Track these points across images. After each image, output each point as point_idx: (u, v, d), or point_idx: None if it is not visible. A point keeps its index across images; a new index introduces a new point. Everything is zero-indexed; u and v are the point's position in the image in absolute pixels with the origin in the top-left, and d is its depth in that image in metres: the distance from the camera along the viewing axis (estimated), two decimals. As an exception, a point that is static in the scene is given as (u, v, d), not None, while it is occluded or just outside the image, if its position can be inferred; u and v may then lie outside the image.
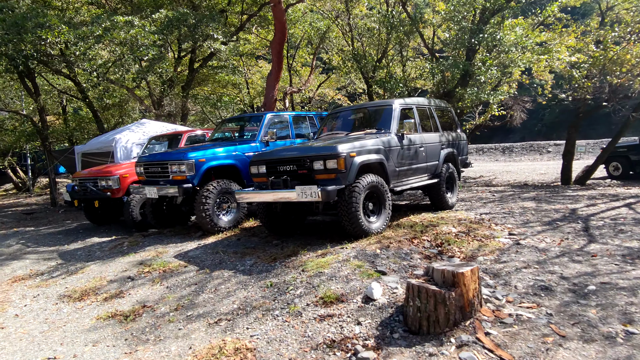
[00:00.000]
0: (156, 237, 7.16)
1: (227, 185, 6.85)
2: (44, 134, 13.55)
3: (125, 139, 10.45)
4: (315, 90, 22.73)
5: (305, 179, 5.47)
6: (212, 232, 6.72)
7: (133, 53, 8.99)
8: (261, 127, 7.62)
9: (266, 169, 5.84)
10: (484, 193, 9.70)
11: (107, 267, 5.81)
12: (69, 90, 16.40)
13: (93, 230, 8.83)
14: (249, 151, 7.30)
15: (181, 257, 5.76)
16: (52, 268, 6.20)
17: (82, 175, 8.58)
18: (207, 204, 6.56)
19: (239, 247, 5.93)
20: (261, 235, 6.55)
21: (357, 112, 7.07)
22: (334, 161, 5.21)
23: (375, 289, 3.75)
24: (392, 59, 13.01)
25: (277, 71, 12.56)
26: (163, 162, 6.79)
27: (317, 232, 6.47)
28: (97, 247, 7.10)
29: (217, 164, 6.82)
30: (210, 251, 5.88)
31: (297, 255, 5.09)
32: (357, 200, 5.30)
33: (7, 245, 8.00)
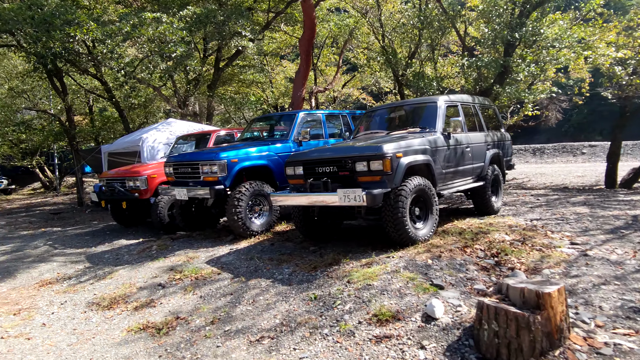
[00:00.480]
0: (185, 240, 6.88)
1: (259, 187, 6.51)
2: (71, 134, 13.52)
3: (152, 139, 10.25)
4: (340, 89, 22.33)
5: (346, 182, 5.08)
6: (244, 236, 6.39)
7: (161, 50, 8.76)
8: (294, 126, 7.26)
9: (303, 171, 5.47)
10: (526, 197, 9.13)
11: (136, 272, 5.52)
12: (96, 90, 16.40)
13: (120, 231, 8.63)
14: (282, 151, 6.95)
15: (213, 263, 5.43)
16: (80, 272, 5.96)
17: (109, 176, 8.38)
18: (240, 207, 6.23)
19: (274, 253, 5.57)
20: (296, 240, 6.18)
21: (397, 109, 6.64)
22: (379, 162, 4.80)
23: (437, 307, 3.33)
24: (426, 56, 12.49)
25: (305, 69, 12.22)
26: (194, 163, 6.50)
27: (355, 238, 6.07)
28: (125, 250, 6.85)
29: (249, 164, 6.49)
30: (244, 257, 5.53)
31: (339, 264, 4.70)
32: (404, 205, 4.87)
33: (34, 247, 7.84)
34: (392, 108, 6.68)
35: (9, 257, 7.12)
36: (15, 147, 23.30)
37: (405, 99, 8.02)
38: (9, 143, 23.03)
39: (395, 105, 6.71)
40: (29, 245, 7.95)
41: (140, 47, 9.55)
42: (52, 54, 8.94)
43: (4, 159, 26.49)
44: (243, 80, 18.63)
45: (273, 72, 22.75)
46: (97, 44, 9.44)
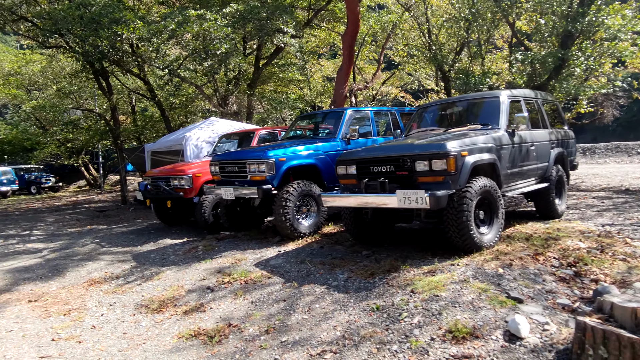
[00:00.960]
0: (231, 241, 6.71)
1: (308, 187, 6.26)
2: (116, 132, 13.76)
3: (195, 137, 10.21)
4: (379, 87, 21.88)
5: (404, 182, 4.74)
6: (291, 237, 6.15)
7: (206, 47, 8.68)
8: (342, 123, 6.97)
9: (356, 170, 5.16)
10: (587, 199, 8.48)
11: (184, 273, 5.38)
12: (139, 90, 16.68)
13: (164, 230, 8.60)
14: (330, 150, 6.68)
15: (262, 266, 5.21)
16: (127, 272, 5.88)
17: (154, 174, 8.35)
18: (287, 207, 5.99)
19: (324, 257, 5.30)
20: (346, 243, 5.89)
21: (453, 105, 6.22)
22: (442, 161, 4.43)
23: (522, 324, 2.95)
24: (474, 52, 11.92)
25: (347, 66, 11.89)
26: (241, 161, 6.31)
27: (410, 242, 5.71)
28: (171, 250, 6.76)
29: (297, 163, 6.25)
30: (294, 260, 5.29)
31: (398, 271, 4.37)
32: (469, 208, 4.49)
33: (82, 244, 7.90)
34: (448, 104, 6.27)
35: (58, 255, 7.18)
36: (63, 146, 24.20)
37: (462, 95, 7.57)
38: (56, 142, 23.93)
39: (451, 101, 6.30)
40: (77, 243, 8.02)
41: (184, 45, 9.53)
42: (100, 53, 9.03)
43: (52, 157, 27.59)
44: (282, 79, 18.52)
45: (311, 71, 22.58)
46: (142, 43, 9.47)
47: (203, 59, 8.90)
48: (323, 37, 19.32)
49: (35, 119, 24.65)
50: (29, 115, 24.08)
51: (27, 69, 22.33)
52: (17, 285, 5.76)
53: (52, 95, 23.03)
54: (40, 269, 6.39)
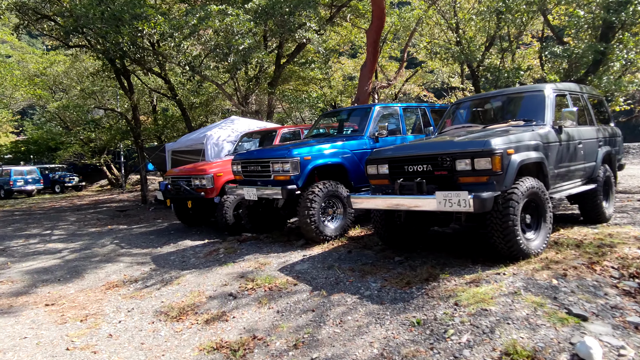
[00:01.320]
0: (253, 243, 6.42)
1: (334, 188, 5.92)
2: (137, 132, 13.68)
3: (216, 136, 9.99)
4: (402, 86, 21.39)
5: (443, 183, 4.35)
6: (316, 241, 5.82)
7: (228, 42, 8.43)
8: (369, 120, 6.60)
9: (389, 169, 4.79)
10: (632, 202, 7.90)
11: (205, 278, 5.10)
12: (159, 89, 16.62)
13: (184, 231, 8.37)
14: (357, 148, 6.32)
15: (287, 272, 4.89)
16: (146, 275, 5.64)
17: (174, 174, 8.14)
18: (313, 209, 5.67)
19: (353, 263, 4.94)
20: (375, 247, 5.52)
21: (491, 100, 5.79)
22: (486, 160, 4.03)
23: (594, 349, 2.54)
24: (506, 46, 11.38)
25: (372, 62, 11.51)
26: (264, 160, 6.01)
27: (445, 246, 5.31)
28: (191, 252, 6.51)
29: (323, 162, 5.91)
30: (321, 266, 4.95)
31: (437, 280, 3.99)
32: (515, 212, 4.08)
33: (101, 245, 7.73)
34: (485, 99, 5.84)
35: (77, 256, 7.01)
36: (86, 146, 24.44)
37: (501, 89, 7.12)
38: (80, 142, 24.19)
39: (488, 96, 5.87)
40: (97, 244, 7.86)
41: (206, 41, 9.29)
42: (120, 50, 8.87)
43: (76, 157, 27.97)
44: (303, 78, 18.23)
45: (331, 69, 22.23)
46: (163, 40, 9.29)
47: (225, 55, 8.64)
48: (345, 35, 18.97)
49: (60, 119, 25.00)
50: (53, 115, 24.42)
51: (52, 70, 22.63)
52: (35, 287, 5.58)
53: (75, 95, 23.29)
54: (59, 271, 6.22)
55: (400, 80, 19.88)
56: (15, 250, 7.68)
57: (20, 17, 11.11)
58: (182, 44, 8.64)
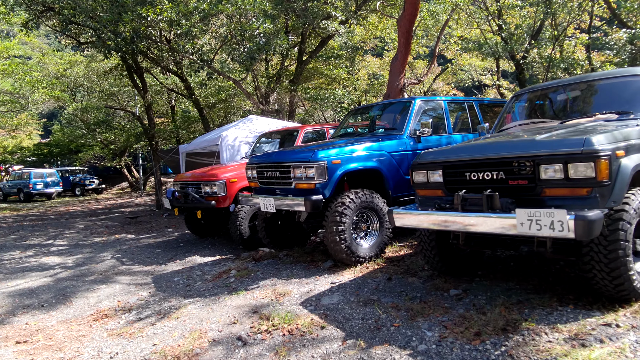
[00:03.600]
0: (271, 263, 5.41)
1: (369, 198, 4.86)
2: (150, 133, 12.91)
3: (232, 137, 9.06)
4: (430, 84, 20.17)
5: (519, 196, 3.24)
6: (347, 262, 4.78)
7: (243, 29, 7.47)
8: (409, 116, 5.52)
9: (443, 177, 3.71)
10: None
11: (209, 311, 4.10)
12: (176, 89, 15.86)
13: (194, 244, 7.45)
14: (396, 150, 5.25)
15: (312, 307, 3.85)
16: (143, 302, 4.69)
17: (183, 179, 7.22)
18: (343, 224, 4.62)
19: (397, 296, 3.88)
20: (421, 274, 4.44)
21: (567, 89, 4.62)
22: (587, 165, 2.90)
23: None
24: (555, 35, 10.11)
25: (404, 55, 10.38)
26: (283, 164, 4.99)
27: (510, 274, 4.18)
28: (198, 272, 5.55)
29: (356, 167, 4.86)
30: (354, 299, 3.90)
31: (520, 332, 2.89)
32: (627, 237, 2.95)
33: (100, 260, 6.86)
34: (559, 88, 4.67)
35: (71, 274, 6.14)
36: (106, 148, 24.03)
37: (581, 75, 5.91)
38: (99, 144, 23.79)
39: (563, 84, 4.69)
40: (96, 258, 7.00)
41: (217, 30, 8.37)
42: (123, 40, 8.04)
43: (96, 159, 27.67)
44: (326, 76, 17.21)
45: (357, 67, 21.16)
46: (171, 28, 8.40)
47: (239, 42, 7.67)
48: (371, 30, 17.85)
49: (81, 121, 24.68)
50: (73, 117, 24.10)
51: (72, 72, 22.28)
52: (13, 315, 4.70)
53: (95, 97, 22.89)
54: (45, 293, 5.34)
55: (430, 78, 18.64)
56: (5, 265, 6.89)
57: (28, 11, 10.46)
58: (190, 31, 7.72)
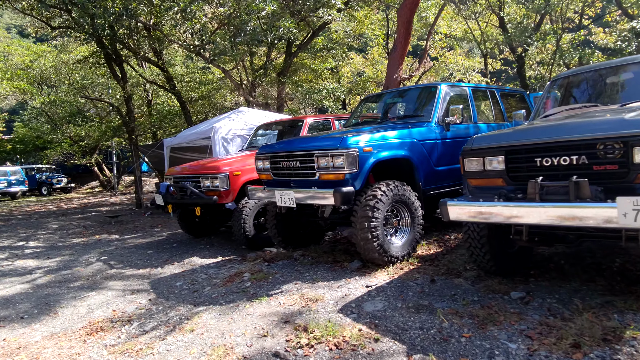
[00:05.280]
0: (287, 264, 4.85)
1: (401, 191, 4.36)
2: (130, 126, 12.03)
3: (225, 129, 8.40)
4: (418, 79, 19.89)
5: (609, 182, 2.80)
6: (378, 263, 4.27)
7: (248, 7, 6.85)
8: (436, 103, 5.06)
9: (506, 163, 3.25)
10: None
11: (230, 322, 3.50)
12: (156, 81, 14.97)
13: (189, 244, 6.78)
14: (426, 138, 4.77)
15: (355, 314, 3.31)
16: (144, 311, 4.03)
17: (178, 173, 6.54)
18: (375, 220, 4.11)
19: (450, 300, 3.39)
20: (466, 274, 3.98)
21: (622, 70, 4.24)
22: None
23: None
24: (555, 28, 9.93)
25: (403, 45, 9.97)
26: (305, 153, 4.43)
27: (563, 274, 3.77)
28: (203, 275, 4.91)
29: (387, 156, 4.35)
30: (402, 305, 3.39)
31: (620, 339, 2.45)
32: None
33: (85, 263, 6.10)
34: (615, 68, 4.29)
35: (52, 279, 5.38)
36: (75, 145, 22.70)
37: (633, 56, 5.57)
38: (68, 140, 22.44)
39: (612, 66, 4.32)
40: (80, 261, 6.24)
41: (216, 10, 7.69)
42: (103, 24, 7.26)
43: (65, 157, 26.18)
44: (313, 71, 16.69)
45: (340, 64, 20.71)
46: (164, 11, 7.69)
47: (243, 23, 7.02)
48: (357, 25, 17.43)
49: (47, 117, 23.22)
50: (40, 112, 22.68)
51: (39, 63, 20.91)
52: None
53: (64, 91, 21.55)
54: (24, 302, 4.59)
55: (418, 75, 18.42)
56: (-27, 270, 6.05)
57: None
58: (188, 9, 7.02)
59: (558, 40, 9.75)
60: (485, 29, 13.94)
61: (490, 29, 14.02)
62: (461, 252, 4.72)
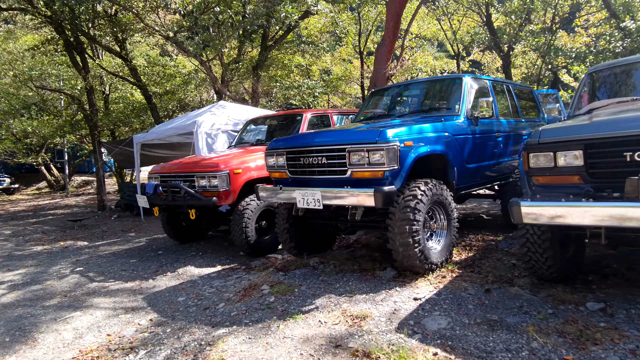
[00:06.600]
0: (306, 274, 4.29)
1: (439, 190, 3.94)
2: (93, 121, 10.93)
3: (208, 123, 7.68)
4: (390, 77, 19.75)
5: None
6: (418, 271, 3.82)
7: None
8: (462, 95, 4.68)
9: (585, 159, 2.89)
10: None
11: (267, 347, 2.92)
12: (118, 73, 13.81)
13: (176, 251, 6.05)
14: (459, 132, 4.38)
15: (419, 334, 2.84)
16: (148, 335, 3.35)
17: (165, 171, 5.80)
18: (417, 223, 3.66)
19: (520, 313, 2.99)
20: (516, 281, 3.61)
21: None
22: None
23: None
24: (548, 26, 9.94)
25: (391, 40, 9.64)
26: (334, 148, 3.89)
27: (628, 281, 3.49)
28: (209, 289, 4.27)
29: (427, 151, 3.91)
30: (469, 321, 2.95)
31: None
32: None
33: (58, 275, 5.25)
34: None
35: (20, 297, 4.53)
36: (20, 142, 20.74)
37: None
38: (12, 138, 20.50)
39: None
40: (50, 273, 5.37)
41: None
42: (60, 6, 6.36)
43: (7, 155, 23.95)
44: (285, 66, 16.10)
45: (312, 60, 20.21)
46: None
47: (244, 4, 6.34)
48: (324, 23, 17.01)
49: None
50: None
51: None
52: (-54, 365, 3.16)
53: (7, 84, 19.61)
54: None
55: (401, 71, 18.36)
56: None
57: None
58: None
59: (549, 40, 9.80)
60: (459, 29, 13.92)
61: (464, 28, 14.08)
62: (498, 256, 4.38)
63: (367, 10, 17.92)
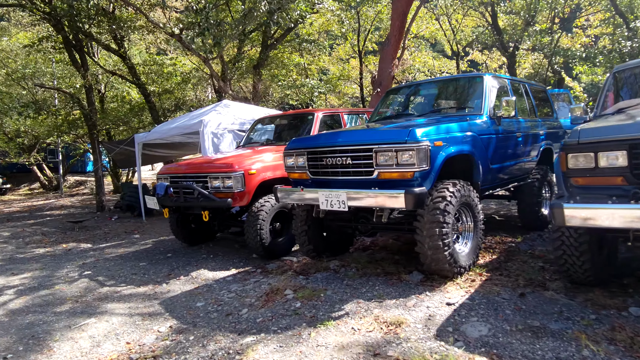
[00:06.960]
0: (328, 278, 4.17)
1: (467, 192, 3.85)
2: (92, 120, 10.70)
3: (215, 123, 7.52)
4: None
5: None
6: (447, 275, 3.72)
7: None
8: (484, 94, 4.59)
9: (629, 159, 2.81)
10: None
11: (300, 356, 2.79)
12: (117, 71, 13.57)
13: (186, 254, 5.89)
14: (484, 132, 4.29)
15: (460, 342, 2.73)
16: (170, 344, 3.21)
17: (176, 171, 5.64)
18: (447, 225, 3.55)
19: (561, 319, 2.90)
20: (553, 285, 3.52)
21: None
22: None
23: None
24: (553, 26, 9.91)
25: (397, 39, 9.57)
26: (360, 147, 3.77)
27: None
28: (227, 293, 4.12)
29: (455, 151, 3.80)
30: (510, 327, 2.85)
31: None
32: None
33: (66, 279, 5.07)
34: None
35: (29, 302, 4.36)
36: (12, 142, 20.36)
37: None
38: (4, 137, 20.12)
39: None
40: (57, 277, 5.19)
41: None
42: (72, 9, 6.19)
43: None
44: (285, 65, 15.96)
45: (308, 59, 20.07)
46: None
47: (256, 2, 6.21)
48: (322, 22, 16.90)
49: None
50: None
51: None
52: (-42, 377, 3.00)
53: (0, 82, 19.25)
54: (2, 337, 3.59)
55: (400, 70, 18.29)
56: None
57: None
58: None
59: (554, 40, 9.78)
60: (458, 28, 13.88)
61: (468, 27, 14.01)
62: (522, 259, 4.30)
63: (366, 9, 17.85)
